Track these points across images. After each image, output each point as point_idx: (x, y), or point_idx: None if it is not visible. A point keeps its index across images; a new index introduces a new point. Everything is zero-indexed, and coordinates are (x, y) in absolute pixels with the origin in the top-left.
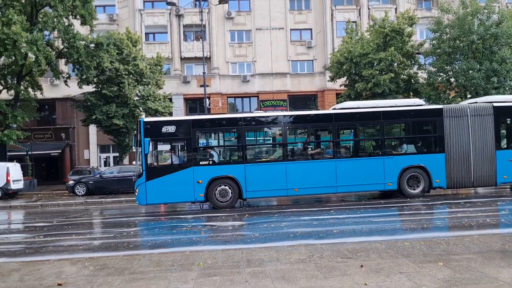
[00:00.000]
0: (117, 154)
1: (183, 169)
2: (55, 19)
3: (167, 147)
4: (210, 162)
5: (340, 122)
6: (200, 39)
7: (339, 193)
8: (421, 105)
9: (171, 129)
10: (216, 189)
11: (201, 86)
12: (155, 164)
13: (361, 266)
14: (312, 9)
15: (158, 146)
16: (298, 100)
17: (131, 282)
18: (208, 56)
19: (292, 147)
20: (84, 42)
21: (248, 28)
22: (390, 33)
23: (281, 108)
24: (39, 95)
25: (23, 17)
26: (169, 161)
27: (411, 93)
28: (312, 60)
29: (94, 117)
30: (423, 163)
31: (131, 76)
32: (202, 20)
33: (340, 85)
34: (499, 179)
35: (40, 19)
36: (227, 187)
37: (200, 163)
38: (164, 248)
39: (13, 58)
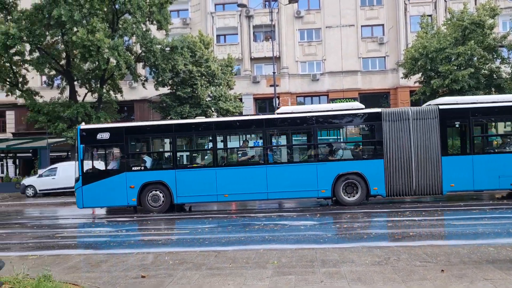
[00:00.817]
0: None
1: (117, 174)
2: (134, 25)
3: (102, 153)
4: (142, 168)
5: (271, 127)
6: (270, 39)
7: (269, 200)
8: (361, 108)
9: (106, 136)
10: (148, 194)
11: (270, 86)
12: (91, 169)
13: (442, 270)
14: (384, 4)
15: (94, 152)
16: (369, 98)
17: (209, 277)
18: (277, 56)
19: (222, 153)
20: (160, 46)
21: (317, 26)
22: (469, 26)
23: None
24: (119, 97)
25: (105, 25)
26: (103, 167)
27: (492, 89)
28: (384, 57)
29: (169, 117)
30: (359, 170)
31: (203, 77)
32: (271, 20)
33: (415, 82)
34: (446, 187)
35: (120, 26)
36: (158, 192)
37: (133, 168)
38: (238, 245)
39: (97, 63)
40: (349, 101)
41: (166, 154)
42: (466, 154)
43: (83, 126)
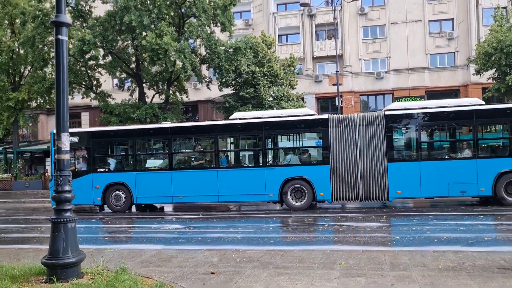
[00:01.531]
0: None
1: (84, 175)
2: (199, 28)
3: (72, 155)
4: (106, 170)
5: (222, 133)
6: (332, 38)
7: (221, 202)
8: (311, 114)
9: (75, 139)
10: (111, 194)
11: (333, 84)
12: None
13: None
14: None
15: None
16: (437, 96)
17: (276, 276)
18: (340, 54)
19: (177, 157)
20: (224, 48)
21: (382, 23)
22: None
23: None
24: (185, 98)
25: (172, 28)
26: (72, 167)
27: None
28: (454, 53)
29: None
30: (305, 175)
31: (266, 77)
32: (334, 18)
33: (488, 79)
34: (392, 194)
35: (186, 29)
36: (120, 193)
37: (98, 170)
38: (304, 245)
39: (164, 65)
40: (416, 100)
41: (127, 157)
42: (412, 160)
43: (54, 130)
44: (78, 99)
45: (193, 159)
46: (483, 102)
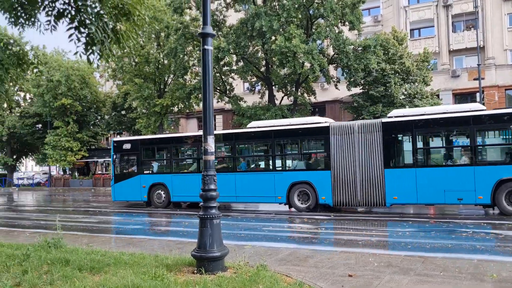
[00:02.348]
0: None
1: (134, 176)
2: (327, 29)
3: (127, 159)
4: (151, 172)
5: (239, 140)
6: (472, 28)
7: (238, 202)
8: (318, 123)
9: (128, 146)
10: (155, 193)
11: (474, 79)
12: (118, 172)
13: None
14: None
15: (122, 159)
16: None
17: (419, 283)
18: (481, 46)
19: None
20: (352, 47)
21: None
22: None
23: None
24: (312, 99)
25: (300, 31)
26: (123, 169)
27: None
28: None
29: (361, 117)
30: (309, 179)
31: (397, 75)
32: (475, 7)
33: None
34: (389, 200)
35: (314, 30)
36: (161, 191)
37: (144, 172)
38: (446, 252)
39: (293, 68)
40: None
41: (166, 161)
42: (409, 167)
43: (115, 139)
44: (213, 102)
45: (216, 163)
46: (484, 108)
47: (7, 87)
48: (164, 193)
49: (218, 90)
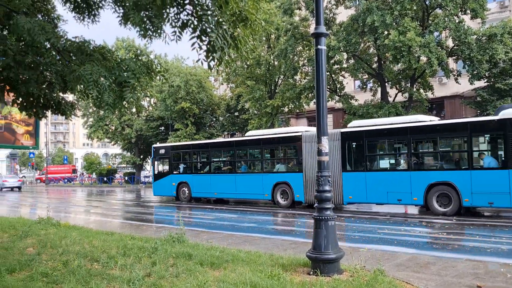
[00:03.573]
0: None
1: (167, 175)
2: (446, 19)
3: (162, 162)
4: (178, 172)
5: (238, 147)
6: None
7: (237, 198)
8: (292, 132)
9: (162, 151)
10: (181, 189)
11: None
12: (157, 172)
13: None
14: None
15: (158, 161)
16: None
17: None
18: None
19: (213, 164)
20: (475, 36)
21: None
22: None
23: None
24: (429, 95)
25: (416, 23)
26: (160, 170)
27: None
28: None
29: (486, 113)
30: (287, 180)
31: None
32: None
33: None
34: (345, 199)
35: (431, 22)
36: (185, 189)
37: (173, 172)
38: None
39: (408, 63)
40: None
41: (188, 164)
42: (360, 171)
43: (155, 145)
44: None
45: (221, 166)
46: (427, 119)
47: (138, 94)
48: (187, 190)
49: (328, 89)
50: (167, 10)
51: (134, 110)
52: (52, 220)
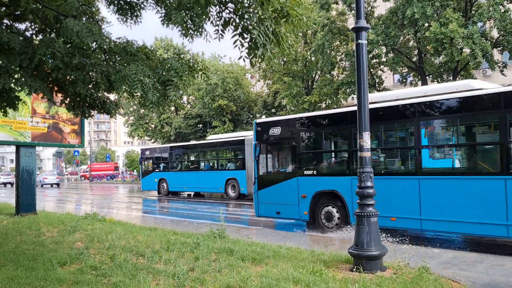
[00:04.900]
0: None
1: (151, 173)
2: (490, 8)
3: (148, 161)
4: (159, 170)
5: (201, 148)
6: None
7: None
8: (239, 136)
9: (147, 152)
10: (161, 185)
11: None
12: (143, 170)
13: None
14: None
15: (146, 161)
16: None
17: None
18: None
19: (185, 163)
20: None
21: None
22: None
23: None
24: None
25: (458, 14)
26: (146, 169)
27: None
28: None
29: None
30: (235, 176)
31: None
32: None
33: None
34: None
35: (474, 12)
36: (164, 184)
37: (155, 170)
38: None
39: (450, 55)
40: None
41: (166, 163)
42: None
43: (141, 147)
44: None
45: (190, 165)
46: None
47: (181, 92)
48: (166, 185)
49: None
50: (210, 9)
51: (172, 108)
52: (97, 215)
